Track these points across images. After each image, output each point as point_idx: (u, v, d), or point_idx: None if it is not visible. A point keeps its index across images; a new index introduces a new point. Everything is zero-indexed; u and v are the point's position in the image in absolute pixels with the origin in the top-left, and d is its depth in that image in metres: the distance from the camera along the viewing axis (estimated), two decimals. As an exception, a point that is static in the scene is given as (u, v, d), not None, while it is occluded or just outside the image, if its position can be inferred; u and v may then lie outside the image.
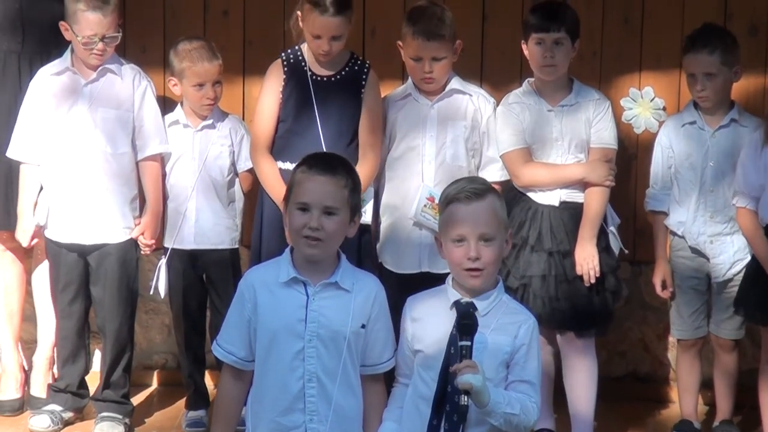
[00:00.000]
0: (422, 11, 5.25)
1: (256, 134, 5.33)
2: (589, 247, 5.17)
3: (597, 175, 5.22)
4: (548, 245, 5.19)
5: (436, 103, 5.32)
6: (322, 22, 5.11)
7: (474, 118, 5.34)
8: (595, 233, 5.20)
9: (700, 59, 5.27)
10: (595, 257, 5.15)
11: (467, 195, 3.96)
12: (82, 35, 5.23)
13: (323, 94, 5.24)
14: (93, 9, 5.21)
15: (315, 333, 3.93)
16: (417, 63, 5.24)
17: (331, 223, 3.92)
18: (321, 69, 5.26)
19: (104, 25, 5.24)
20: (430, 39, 5.18)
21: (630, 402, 5.94)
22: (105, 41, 5.26)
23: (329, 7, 5.08)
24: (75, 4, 5.23)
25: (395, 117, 5.35)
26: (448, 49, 5.22)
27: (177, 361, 5.94)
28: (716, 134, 5.36)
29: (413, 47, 5.22)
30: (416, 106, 5.33)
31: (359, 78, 5.27)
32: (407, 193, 5.31)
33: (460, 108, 5.34)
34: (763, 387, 5.30)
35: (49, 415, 5.50)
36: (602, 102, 5.31)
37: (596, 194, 5.23)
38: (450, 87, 5.33)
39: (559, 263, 5.19)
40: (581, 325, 5.24)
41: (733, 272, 5.36)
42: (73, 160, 5.34)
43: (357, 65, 5.29)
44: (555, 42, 5.18)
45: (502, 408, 3.80)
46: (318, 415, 3.95)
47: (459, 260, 3.94)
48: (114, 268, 5.43)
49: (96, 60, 5.32)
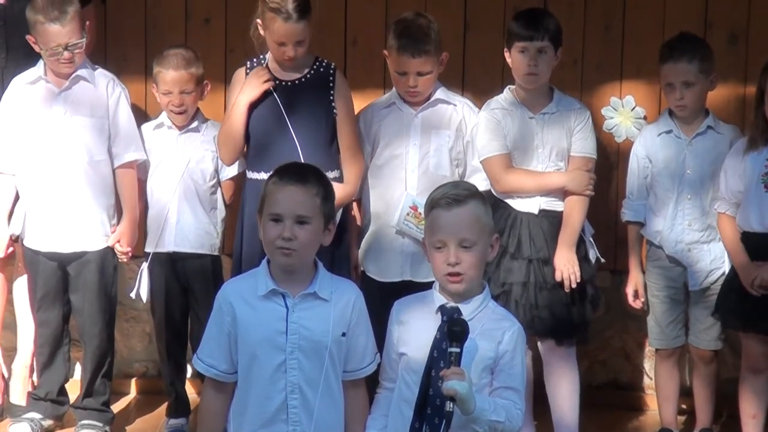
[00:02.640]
0: (408, 25, 5.23)
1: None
2: (569, 254, 5.18)
3: (577, 184, 5.23)
4: (528, 253, 5.19)
5: (420, 112, 5.32)
6: (286, 29, 5.08)
7: (458, 128, 5.34)
8: (575, 241, 5.21)
9: (680, 68, 5.29)
10: (575, 263, 5.17)
11: (447, 201, 3.97)
12: (46, 47, 5.23)
13: (290, 99, 5.20)
14: (51, 21, 5.19)
15: (296, 345, 3.93)
16: (401, 77, 5.24)
17: (304, 232, 3.92)
18: (285, 74, 5.23)
19: (65, 34, 5.22)
20: (414, 56, 5.17)
21: (611, 410, 5.95)
22: (69, 49, 5.25)
23: (292, 14, 5.05)
24: (34, 16, 5.22)
25: (379, 125, 5.35)
26: (433, 63, 5.22)
27: (158, 368, 5.93)
28: (693, 142, 5.38)
29: (398, 62, 5.22)
30: (400, 115, 5.33)
31: (326, 79, 5.24)
32: (390, 201, 5.31)
33: (444, 117, 5.34)
34: (743, 395, 5.31)
35: (29, 423, 5.49)
36: (583, 111, 5.32)
37: (576, 203, 5.24)
38: (435, 97, 5.33)
39: (539, 270, 5.19)
40: (561, 333, 5.24)
41: (710, 281, 5.38)
42: (50, 168, 5.33)
43: (322, 67, 5.27)
44: (539, 50, 5.18)
45: (488, 415, 3.80)
46: (301, 426, 3.95)
47: (439, 265, 3.96)
48: (94, 276, 5.42)
49: (66, 68, 5.30)
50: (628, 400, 6.09)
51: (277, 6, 5.05)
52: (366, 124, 5.38)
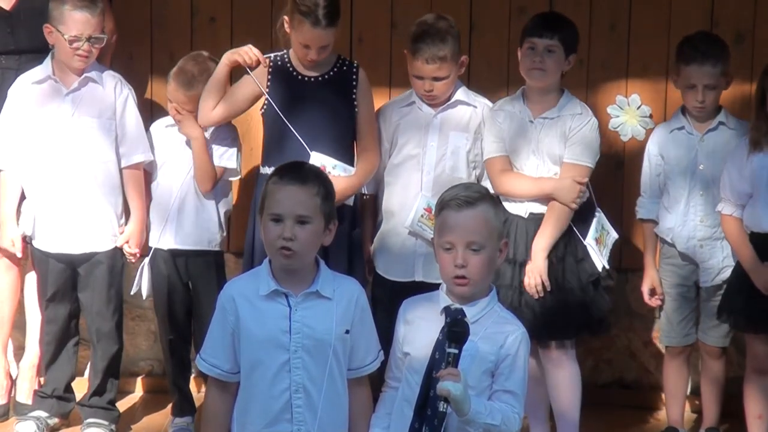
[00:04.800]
0: (427, 29, 5.18)
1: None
2: (538, 260, 5.11)
3: (565, 194, 5.14)
4: (511, 254, 5.13)
5: (440, 113, 5.29)
6: (313, 34, 5.08)
7: (477, 131, 5.31)
8: (547, 247, 5.12)
9: (705, 71, 5.26)
10: (542, 272, 5.09)
11: (458, 203, 3.96)
12: (69, 34, 5.20)
13: (311, 94, 5.21)
14: (80, 8, 5.19)
15: (300, 344, 3.92)
16: (418, 80, 5.23)
17: (305, 232, 3.91)
18: (307, 71, 5.25)
19: (91, 24, 5.22)
20: (429, 62, 5.15)
21: (616, 409, 5.95)
22: (91, 41, 5.24)
23: (321, 20, 5.05)
24: (62, 5, 5.21)
25: (398, 123, 5.33)
26: (450, 68, 5.19)
27: (163, 367, 5.93)
28: (705, 138, 5.37)
29: (415, 67, 5.20)
30: (419, 115, 5.31)
31: (348, 78, 5.24)
32: (404, 201, 5.30)
33: (464, 119, 5.32)
34: (748, 395, 5.32)
35: (34, 421, 5.49)
36: (583, 117, 5.23)
37: (557, 211, 5.16)
38: (455, 98, 5.30)
39: (518, 273, 5.15)
40: (544, 335, 5.17)
41: (721, 278, 5.37)
42: (58, 169, 5.33)
43: (345, 65, 5.27)
44: (547, 49, 5.15)
45: (483, 418, 3.79)
46: (305, 425, 3.94)
47: (447, 267, 3.95)
48: (104, 276, 5.44)
49: (80, 62, 5.28)
50: (634, 399, 6.08)
51: (308, 10, 5.05)
52: (385, 122, 5.37)
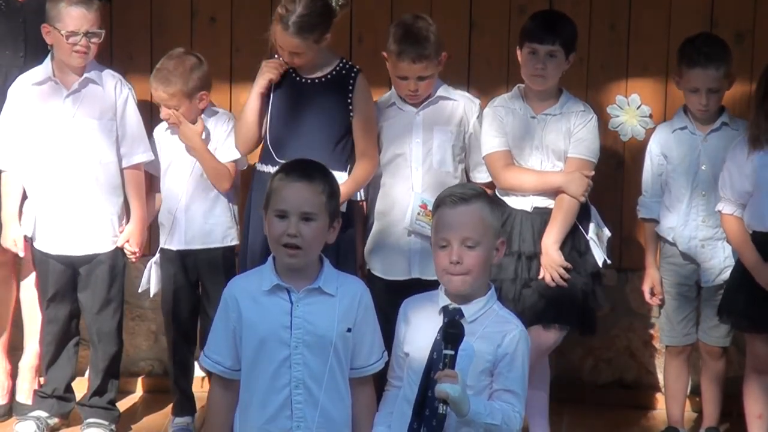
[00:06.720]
0: (407, 30, 5.22)
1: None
2: (553, 254, 5.14)
3: (575, 187, 5.18)
4: (516, 247, 5.17)
5: (422, 110, 5.33)
6: (282, 38, 5.14)
7: (460, 123, 5.35)
8: (559, 240, 5.16)
9: (709, 75, 5.26)
10: (560, 263, 5.13)
11: (453, 199, 3.97)
12: (66, 30, 5.20)
13: (307, 96, 5.24)
14: (76, 4, 5.20)
15: (301, 339, 3.93)
16: (402, 81, 5.25)
17: (310, 229, 3.92)
18: (306, 73, 5.27)
19: (88, 19, 5.22)
20: (415, 62, 5.18)
21: (616, 409, 5.95)
22: (88, 36, 5.24)
23: (290, 26, 5.10)
24: (58, 3, 5.21)
25: (382, 124, 5.36)
26: (433, 66, 5.23)
27: (163, 367, 5.93)
28: (707, 138, 5.37)
29: (398, 67, 5.23)
30: (401, 114, 5.35)
31: (345, 81, 5.26)
32: (396, 199, 5.32)
33: (446, 113, 5.35)
34: (748, 395, 5.31)
35: (34, 421, 5.49)
36: (586, 114, 5.28)
37: (567, 203, 5.19)
38: (437, 94, 5.34)
39: (526, 266, 5.17)
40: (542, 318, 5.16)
41: (722, 278, 5.37)
42: (59, 171, 5.33)
43: (345, 69, 5.29)
44: (548, 54, 5.17)
45: (483, 418, 3.80)
46: (305, 422, 3.95)
47: (442, 264, 3.96)
48: (105, 277, 5.44)
49: (78, 59, 5.28)
50: (634, 399, 6.07)
51: (283, 13, 5.11)
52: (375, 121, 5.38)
